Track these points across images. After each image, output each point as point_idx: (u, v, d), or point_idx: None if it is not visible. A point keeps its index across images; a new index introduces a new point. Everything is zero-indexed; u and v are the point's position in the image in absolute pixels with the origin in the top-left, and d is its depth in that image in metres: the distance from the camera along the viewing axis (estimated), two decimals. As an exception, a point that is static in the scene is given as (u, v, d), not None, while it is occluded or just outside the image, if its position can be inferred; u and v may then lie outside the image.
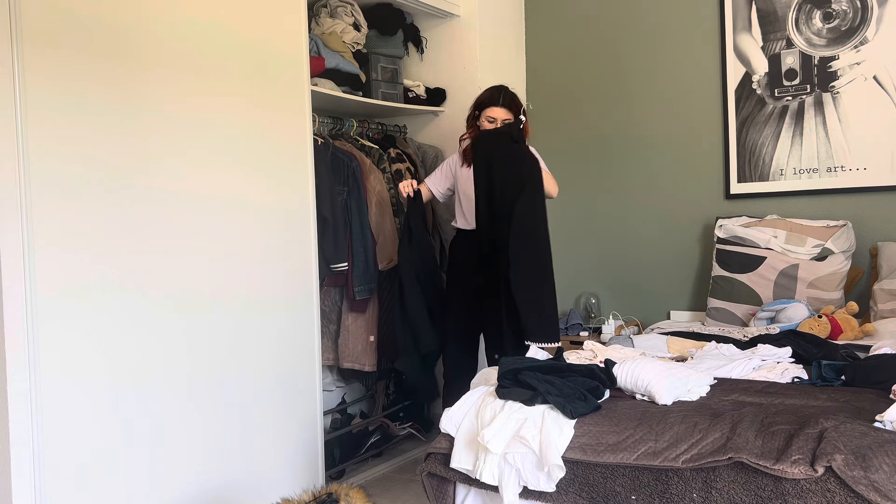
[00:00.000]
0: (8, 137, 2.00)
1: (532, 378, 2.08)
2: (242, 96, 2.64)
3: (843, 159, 3.44)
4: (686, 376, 2.20)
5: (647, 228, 3.94)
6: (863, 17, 3.38)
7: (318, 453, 2.93)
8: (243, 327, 2.64)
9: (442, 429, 2.14)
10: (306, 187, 2.91)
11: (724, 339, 2.91)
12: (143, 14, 2.33)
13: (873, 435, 1.72)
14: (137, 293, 2.31)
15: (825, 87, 3.46)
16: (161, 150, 2.38)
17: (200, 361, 2.49)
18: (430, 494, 2.16)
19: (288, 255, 2.82)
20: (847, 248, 3.26)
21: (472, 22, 3.88)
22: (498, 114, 3.15)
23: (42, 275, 2.07)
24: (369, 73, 3.61)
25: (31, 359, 2.04)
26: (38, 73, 2.07)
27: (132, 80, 2.30)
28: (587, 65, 4.09)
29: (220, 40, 2.56)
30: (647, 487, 1.84)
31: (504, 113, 3.14)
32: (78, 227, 2.16)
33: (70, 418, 2.13)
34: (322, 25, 3.52)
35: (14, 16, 2.01)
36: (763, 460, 1.71)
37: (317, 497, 1.90)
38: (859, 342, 2.85)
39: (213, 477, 2.52)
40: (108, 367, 2.23)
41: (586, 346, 2.72)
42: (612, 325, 3.81)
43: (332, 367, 3.64)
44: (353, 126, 3.56)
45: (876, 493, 1.58)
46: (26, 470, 2.03)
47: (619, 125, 4.00)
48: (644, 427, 1.94)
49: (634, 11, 3.94)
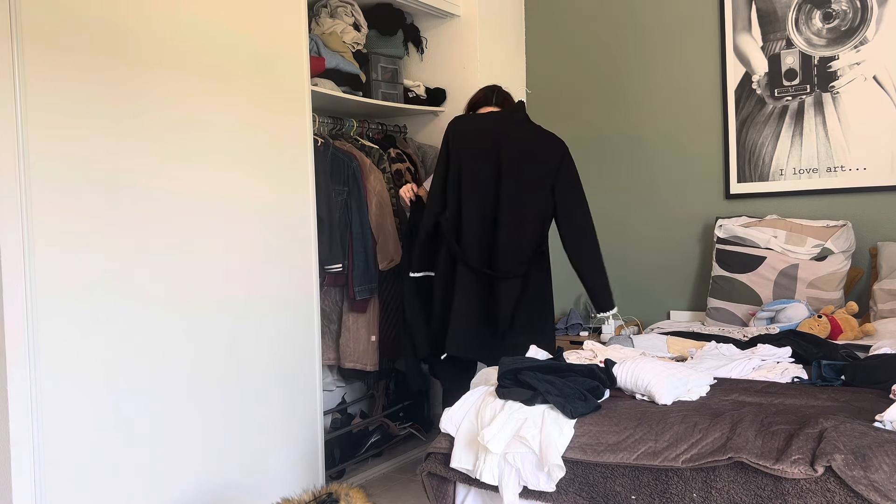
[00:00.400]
0: (8, 137, 2.00)
1: (532, 378, 2.08)
2: (242, 96, 2.64)
3: (842, 159, 3.44)
4: (686, 376, 2.20)
5: (647, 228, 3.94)
6: (863, 17, 3.38)
7: (318, 453, 2.93)
8: (243, 327, 2.64)
9: (442, 429, 2.14)
10: (306, 187, 2.91)
11: (724, 339, 2.91)
12: (144, 14, 2.33)
13: (873, 435, 1.72)
14: (137, 293, 2.31)
15: (825, 87, 3.47)
16: (161, 150, 2.38)
17: (200, 361, 2.49)
18: (430, 494, 2.16)
19: (288, 255, 2.82)
20: (847, 248, 3.26)
21: (472, 22, 3.88)
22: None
23: (42, 275, 2.07)
24: (369, 73, 3.62)
25: (31, 358, 2.04)
26: (38, 72, 2.07)
27: (132, 80, 2.30)
28: (587, 65, 4.09)
29: (220, 40, 2.57)
30: (646, 487, 1.84)
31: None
32: (78, 226, 2.16)
33: (70, 418, 2.13)
34: (322, 25, 3.52)
35: (14, 16, 2.01)
36: (763, 460, 1.71)
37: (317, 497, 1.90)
38: (859, 342, 2.85)
39: (213, 477, 2.52)
40: (108, 367, 2.23)
41: (586, 346, 2.72)
42: (612, 325, 3.81)
43: (333, 367, 3.64)
44: (353, 126, 3.56)
45: (876, 492, 1.59)
46: (26, 469, 2.03)
47: (619, 125, 4.01)
48: (644, 427, 1.94)
49: (634, 12, 3.94)
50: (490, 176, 2.94)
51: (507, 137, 2.96)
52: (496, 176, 2.94)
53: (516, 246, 2.91)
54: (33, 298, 2.05)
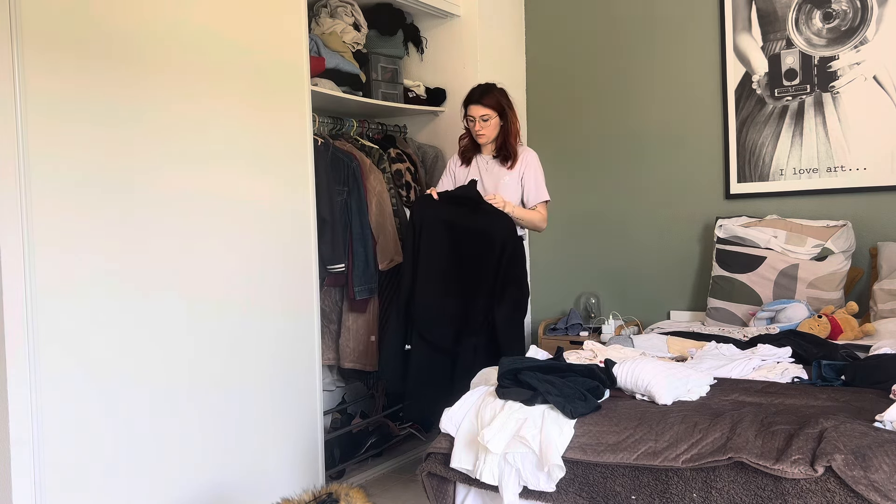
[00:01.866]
0: (8, 137, 2.00)
1: (532, 378, 2.08)
2: (242, 96, 2.64)
3: (842, 159, 3.44)
4: (686, 376, 2.20)
5: (647, 228, 3.94)
6: (863, 17, 3.38)
7: (318, 453, 2.93)
8: (243, 327, 2.64)
9: (442, 429, 2.14)
10: (306, 187, 2.91)
11: (724, 339, 2.91)
12: (144, 14, 2.33)
13: (873, 435, 1.72)
14: (138, 294, 2.31)
15: (825, 87, 3.46)
16: (161, 151, 2.38)
17: (200, 361, 2.49)
18: (430, 494, 2.16)
19: (288, 255, 2.82)
20: (847, 248, 3.26)
21: (472, 22, 3.88)
22: (475, 112, 3.16)
23: (42, 275, 2.07)
24: (369, 73, 3.62)
25: (31, 359, 2.04)
26: (39, 73, 2.07)
27: (132, 80, 2.30)
28: (587, 65, 4.09)
29: (220, 40, 2.56)
30: (647, 487, 1.84)
31: (481, 110, 3.14)
32: (78, 227, 2.16)
33: (70, 418, 2.13)
34: (322, 25, 3.52)
35: (14, 16, 2.01)
36: (763, 460, 1.71)
37: (317, 497, 1.90)
38: (859, 342, 2.85)
39: (213, 477, 2.53)
40: (108, 368, 2.23)
41: (586, 346, 2.72)
42: (612, 325, 3.81)
43: (332, 367, 3.64)
44: (353, 126, 3.56)
45: (876, 493, 1.59)
46: (26, 470, 2.03)
47: (619, 125, 4.00)
48: (644, 427, 1.94)
49: (634, 12, 3.94)
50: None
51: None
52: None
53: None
54: (33, 299, 2.05)
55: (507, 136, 3.20)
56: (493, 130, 3.19)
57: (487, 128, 3.17)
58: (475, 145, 3.28)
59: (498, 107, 3.16)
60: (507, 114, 3.18)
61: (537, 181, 3.21)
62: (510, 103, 3.21)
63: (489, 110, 3.14)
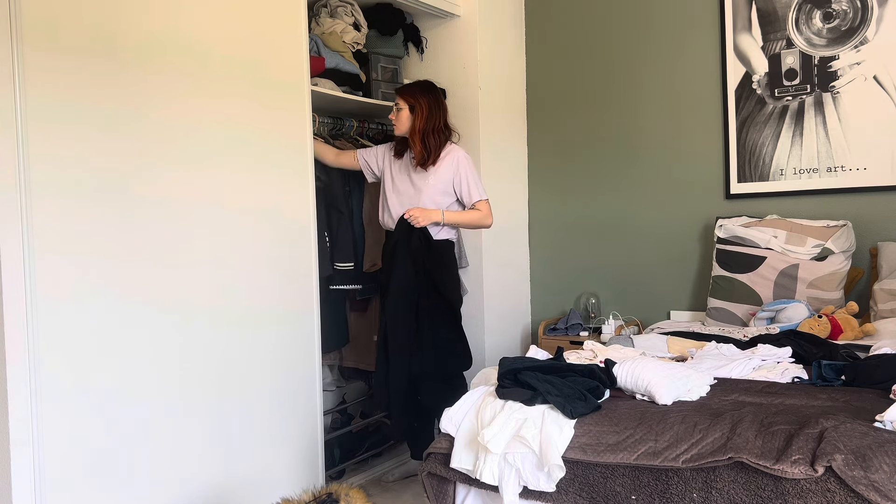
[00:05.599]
0: (8, 139, 2.00)
1: (532, 378, 2.08)
2: (242, 96, 2.64)
3: (843, 159, 3.44)
4: (686, 376, 2.20)
5: (647, 228, 3.94)
6: (863, 17, 3.37)
7: (318, 453, 2.93)
8: (244, 327, 2.64)
9: (442, 429, 2.14)
10: (306, 187, 2.91)
11: (724, 339, 2.91)
12: (143, 14, 2.33)
13: (873, 435, 1.72)
14: (138, 295, 2.31)
15: (825, 87, 3.46)
16: (161, 153, 2.37)
17: (200, 360, 2.49)
18: (430, 494, 2.16)
19: (289, 255, 2.82)
20: (847, 248, 3.26)
21: (472, 22, 3.88)
22: (398, 102, 3.22)
23: (42, 278, 2.07)
24: (369, 73, 3.62)
25: (31, 361, 2.04)
26: (39, 74, 2.07)
27: (131, 81, 2.30)
28: (587, 65, 4.09)
29: (220, 41, 2.56)
30: (647, 487, 1.84)
31: (397, 99, 3.21)
32: (78, 230, 2.16)
33: (70, 419, 2.13)
34: (322, 25, 3.52)
35: (14, 16, 2.01)
36: (763, 460, 1.71)
37: (317, 497, 1.90)
38: (859, 342, 2.85)
39: (213, 477, 2.52)
40: (108, 368, 2.23)
41: (586, 346, 2.72)
42: (612, 325, 3.81)
43: (333, 367, 3.64)
44: (353, 126, 3.56)
45: (876, 493, 1.58)
46: (26, 470, 2.03)
47: (619, 125, 4.01)
48: (644, 427, 1.94)
49: (634, 11, 3.94)
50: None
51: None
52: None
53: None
54: (33, 301, 2.04)
55: (419, 133, 3.16)
56: (404, 123, 3.20)
57: (398, 119, 3.21)
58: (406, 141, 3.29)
59: (411, 99, 3.18)
60: (416, 108, 3.17)
61: (470, 182, 3.20)
62: (433, 101, 3.20)
63: (402, 101, 3.20)
